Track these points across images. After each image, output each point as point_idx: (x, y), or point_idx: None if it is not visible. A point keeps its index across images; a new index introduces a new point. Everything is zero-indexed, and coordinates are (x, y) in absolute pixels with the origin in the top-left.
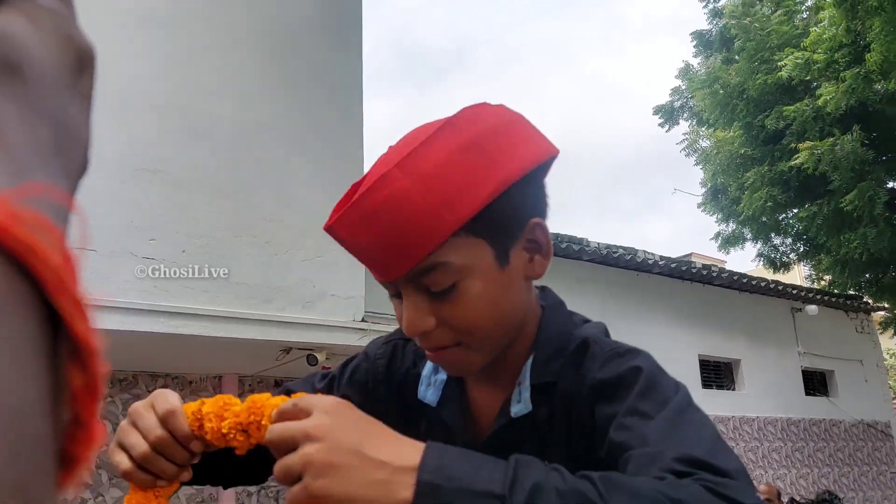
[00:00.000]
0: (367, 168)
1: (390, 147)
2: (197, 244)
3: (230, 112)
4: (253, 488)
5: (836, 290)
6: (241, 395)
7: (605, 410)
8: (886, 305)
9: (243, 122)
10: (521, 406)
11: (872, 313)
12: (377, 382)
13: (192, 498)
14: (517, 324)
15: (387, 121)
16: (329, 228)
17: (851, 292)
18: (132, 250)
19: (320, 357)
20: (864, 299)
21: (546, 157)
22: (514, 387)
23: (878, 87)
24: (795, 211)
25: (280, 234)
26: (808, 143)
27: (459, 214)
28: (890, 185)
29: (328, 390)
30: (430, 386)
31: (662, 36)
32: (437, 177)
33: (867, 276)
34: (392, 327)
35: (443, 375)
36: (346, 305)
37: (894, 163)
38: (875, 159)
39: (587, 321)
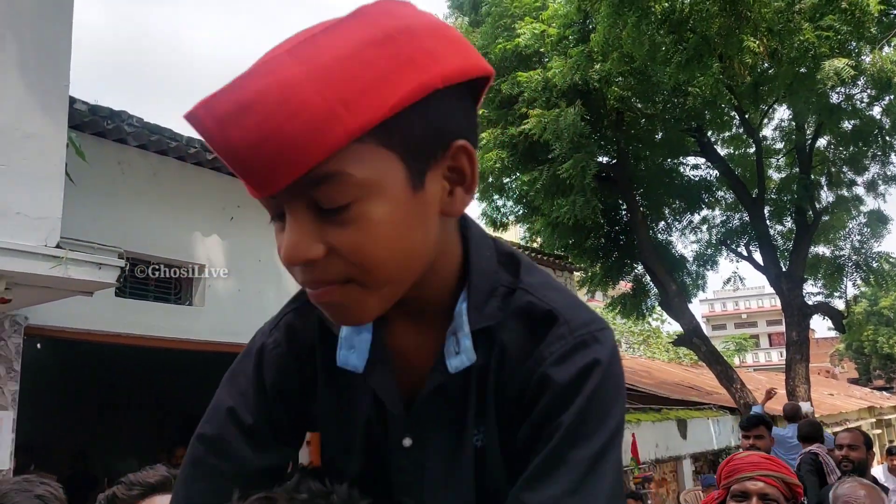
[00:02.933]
0: (87, 70)
1: (281, 42)
2: None
3: None
4: None
5: (546, 251)
6: None
7: (543, 415)
8: (583, 266)
9: None
10: (461, 358)
11: (574, 272)
12: (286, 375)
13: None
14: (424, 265)
15: (97, 20)
16: (190, 116)
17: (559, 253)
18: None
19: None
20: (569, 260)
21: (477, 73)
22: (447, 336)
23: (597, 66)
24: (518, 174)
25: None
26: (536, 111)
27: (364, 117)
28: (600, 159)
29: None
30: (352, 348)
31: None
32: (339, 70)
33: (572, 239)
34: (97, 257)
35: (367, 334)
36: (35, 227)
37: (605, 139)
38: (591, 134)
39: (514, 256)
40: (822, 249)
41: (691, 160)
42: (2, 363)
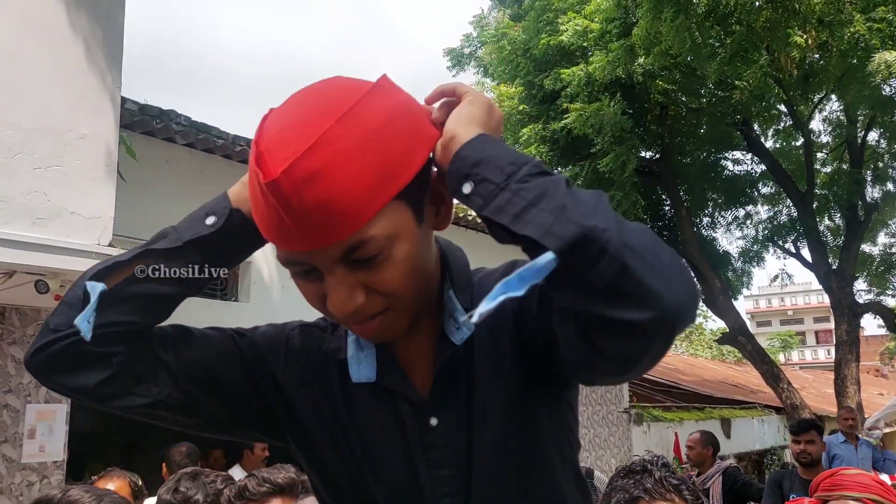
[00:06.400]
0: (124, 67)
1: (302, 97)
2: None
3: None
4: None
5: None
6: None
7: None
8: None
9: None
10: (462, 331)
11: None
12: (290, 353)
13: None
14: (432, 273)
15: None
16: (273, 183)
17: None
18: None
19: (52, 284)
20: None
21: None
22: (445, 319)
23: (640, 60)
24: (560, 170)
25: (2, 134)
26: (577, 105)
27: (400, 182)
28: (644, 153)
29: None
30: (360, 364)
31: None
32: (379, 140)
33: None
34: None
35: (371, 350)
36: (89, 226)
37: (648, 133)
38: (633, 129)
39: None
40: (869, 247)
41: (734, 154)
42: None
